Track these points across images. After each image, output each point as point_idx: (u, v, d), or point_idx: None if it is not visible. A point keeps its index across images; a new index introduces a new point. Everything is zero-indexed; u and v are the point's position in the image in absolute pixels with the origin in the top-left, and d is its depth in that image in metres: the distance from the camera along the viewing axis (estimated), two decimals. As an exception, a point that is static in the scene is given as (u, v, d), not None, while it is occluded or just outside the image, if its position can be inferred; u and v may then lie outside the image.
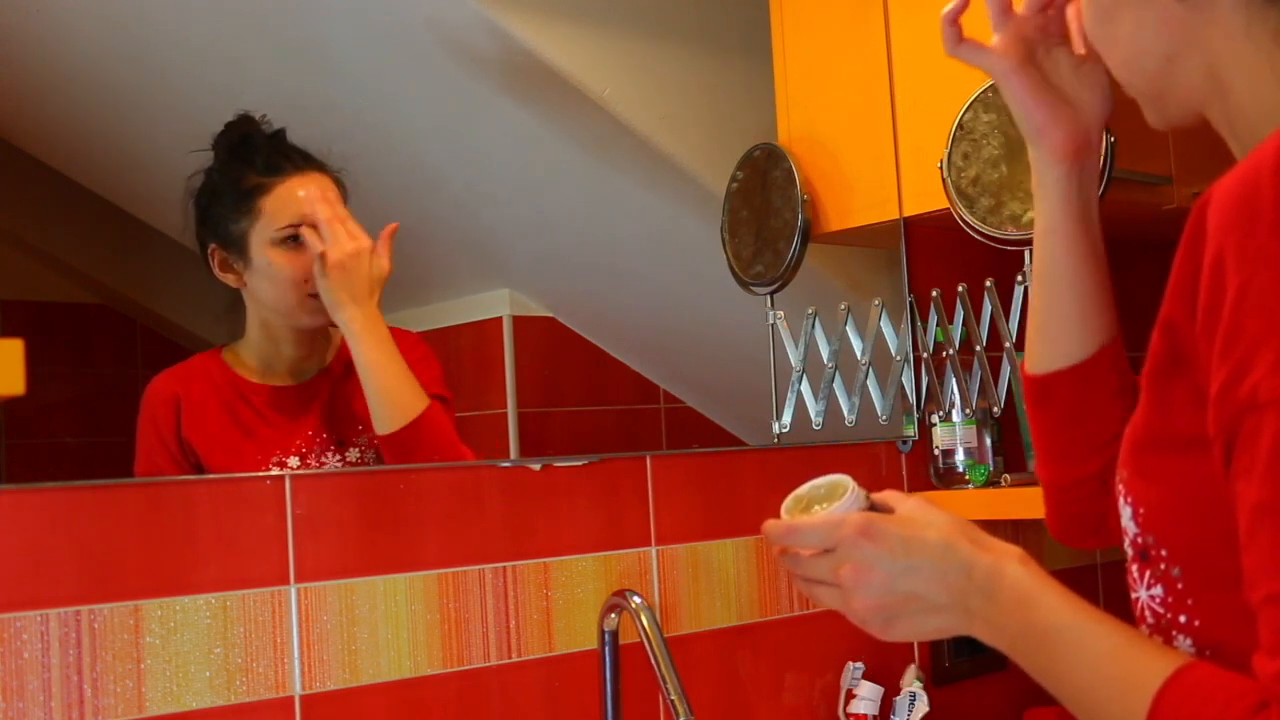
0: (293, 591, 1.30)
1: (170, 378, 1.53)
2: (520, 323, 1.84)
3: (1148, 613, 0.85)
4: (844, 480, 0.94)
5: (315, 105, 1.69)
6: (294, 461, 1.52)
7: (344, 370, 1.57)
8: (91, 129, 1.66)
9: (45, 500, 1.18)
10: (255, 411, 1.54)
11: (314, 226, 1.52)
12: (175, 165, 1.69)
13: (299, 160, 1.55)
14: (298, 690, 1.30)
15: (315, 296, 1.53)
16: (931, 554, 0.87)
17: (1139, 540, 0.84)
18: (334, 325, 1.57)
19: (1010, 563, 0.85)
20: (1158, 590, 0.83)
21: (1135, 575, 0.86)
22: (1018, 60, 1.02)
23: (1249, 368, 0.70)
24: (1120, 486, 0.87)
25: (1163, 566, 0.83)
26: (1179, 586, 0.82)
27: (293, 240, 1.52)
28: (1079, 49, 1.01)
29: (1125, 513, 0.86)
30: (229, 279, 1.54)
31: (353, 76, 1.77)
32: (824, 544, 0.90)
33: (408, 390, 1.54)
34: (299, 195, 1.53)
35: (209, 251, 1.54)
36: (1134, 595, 0.87)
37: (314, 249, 1.51)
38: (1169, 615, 0.83)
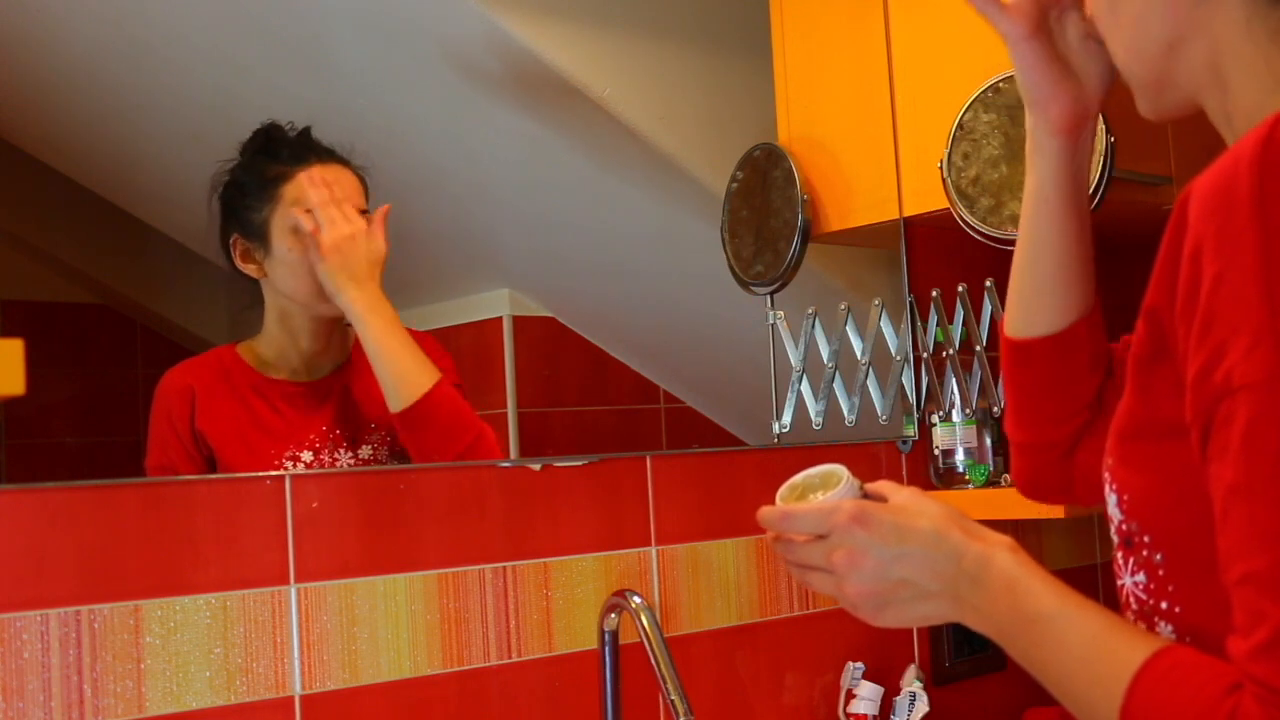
0: (293, 591, 1.30)
1: (185, 370, 1.54)
2: (520, 323, 1.84)
3: (1132, 599, 0.86)
4: (838, 469, 0.95)
5: (316, 106, 1.69)
6: (307, 456, 1.52)
7: (360, 367, 1.58)
8: (91, 129, 1.66)
9: (45, 500, 1.18)
10: (270, 405, 1.54)
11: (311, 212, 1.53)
12: (175, 165, 1.69)
13: (323, 154, 1.57)
14: (298, 690, 1.30)
15: None
16: (923, 541, 0.88)
17: (1123, 527, 0.85)
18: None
19: (999, 551, 0.86)
20: (1140, 577, 0.84)
21: (1120, 562, 0.87)
22: (1030, 27, 1.02)
23: (1224, 353, 0.71)
24: (1106, 474, 0.88)
25: (1145, 553, 0.84)
26: (1160, 573, 0.83)
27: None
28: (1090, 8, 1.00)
29: (1110, 500, 0.87)
30: (250, 269, 1.55)
31: (353, 76, 1.77)
32: (818, 530, 0.91)
33: (417, 366, 1.54)
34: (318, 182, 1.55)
35: (231, 244, 1.55)
36: (1119, 582, 0.88)
37: (308, 231, 1.52)
38: (1151, 602, 0.84)
